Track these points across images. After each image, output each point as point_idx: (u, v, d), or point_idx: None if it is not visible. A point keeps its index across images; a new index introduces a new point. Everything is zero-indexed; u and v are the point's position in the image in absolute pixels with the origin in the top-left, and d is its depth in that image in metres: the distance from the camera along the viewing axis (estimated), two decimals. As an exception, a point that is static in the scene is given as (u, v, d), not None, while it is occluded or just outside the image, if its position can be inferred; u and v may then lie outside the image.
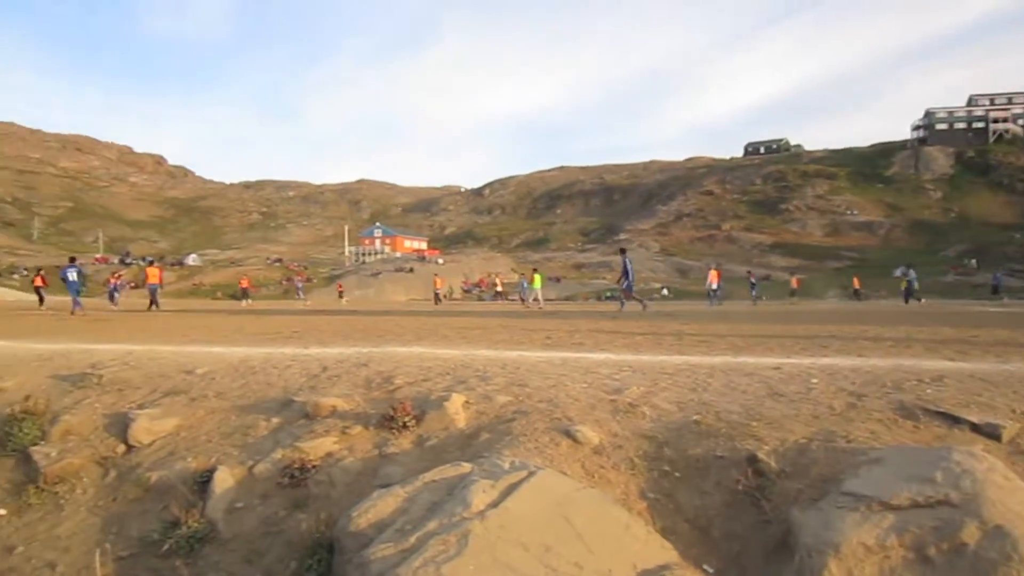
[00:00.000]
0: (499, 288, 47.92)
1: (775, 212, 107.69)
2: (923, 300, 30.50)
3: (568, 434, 3.73)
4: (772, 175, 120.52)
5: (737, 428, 3.68)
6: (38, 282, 25.53)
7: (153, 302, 24.05)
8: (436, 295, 41.91)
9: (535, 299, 29.03)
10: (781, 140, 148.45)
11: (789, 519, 2.83)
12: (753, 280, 41.07)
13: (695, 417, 3.89)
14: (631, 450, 3.60)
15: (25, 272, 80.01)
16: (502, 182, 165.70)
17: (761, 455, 3.30)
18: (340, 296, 54.05)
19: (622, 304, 21.29)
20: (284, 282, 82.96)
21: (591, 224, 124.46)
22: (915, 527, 2.53)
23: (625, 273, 20.21)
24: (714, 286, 29.79)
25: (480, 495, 2.85)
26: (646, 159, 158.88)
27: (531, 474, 3.04)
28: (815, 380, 4.78)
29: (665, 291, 57.12)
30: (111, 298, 28.05)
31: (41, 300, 24.84)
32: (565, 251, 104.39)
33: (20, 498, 4.15)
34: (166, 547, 3.32)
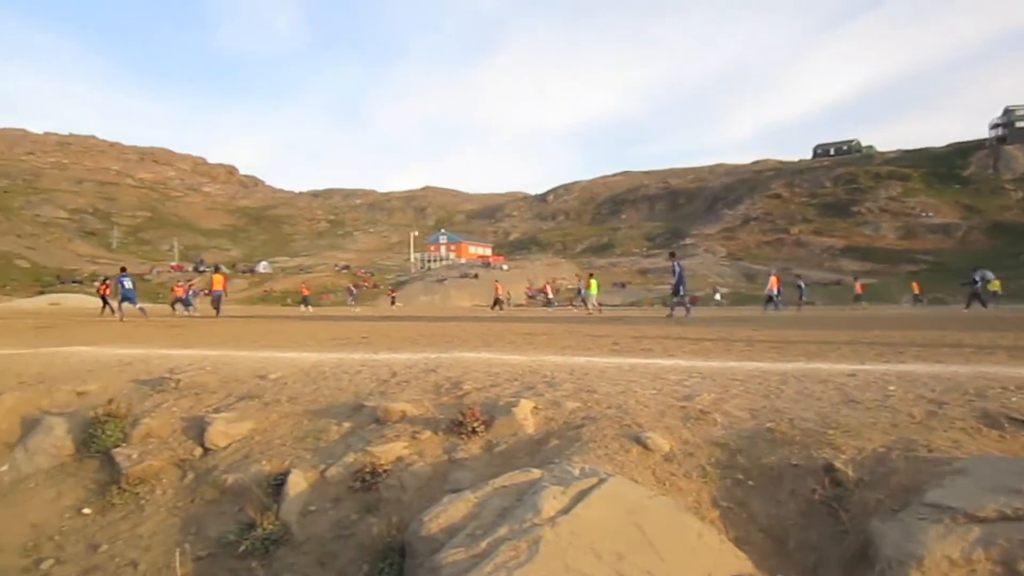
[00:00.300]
0: (550, 295, 47.33)
1: (846, 215, 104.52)
2: (991, 306, 29.09)
3: (638, 441, 3.69)
4: (843, 177, 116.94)
5: (812, 436, 3.58)
6: (104, 291, 26.56)
7: (216, 308, 25.35)
8: (497, 300, 41.99)
9: (593, 304, 29.38)
10: (852, 141, 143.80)
11: (868, 530, 2.74)
12: (801, 284, 40.27)
13: (768, 425, 3.81)
14: (703, 458, 3.54)
15: (105, 280, 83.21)
16: (566, 188, 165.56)
17: (838, 464, 3.20)
18: (392, 303, 55.05)
19: (672, 310, 21.29)
20: (352, 288, 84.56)
21: (656, 229, 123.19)
22: (1003, 540, 2.41)
23: (677, 276, 20.33)
24: (775, 292, 29.51)
25: (551, 501, 2.83)
26: (711, 162, 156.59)
27: (602, 481, 3.02)
28: (892, 387, 4.62)
29: (719, 296, 55.71)
30: (184, 305, 28.85)
31: (105, 305, 25.85)
32: (630, 256, 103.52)
33: (104, 498, 4.32)
34: (242, 548, 3.41)
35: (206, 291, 75.29)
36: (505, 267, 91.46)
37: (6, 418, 5.59)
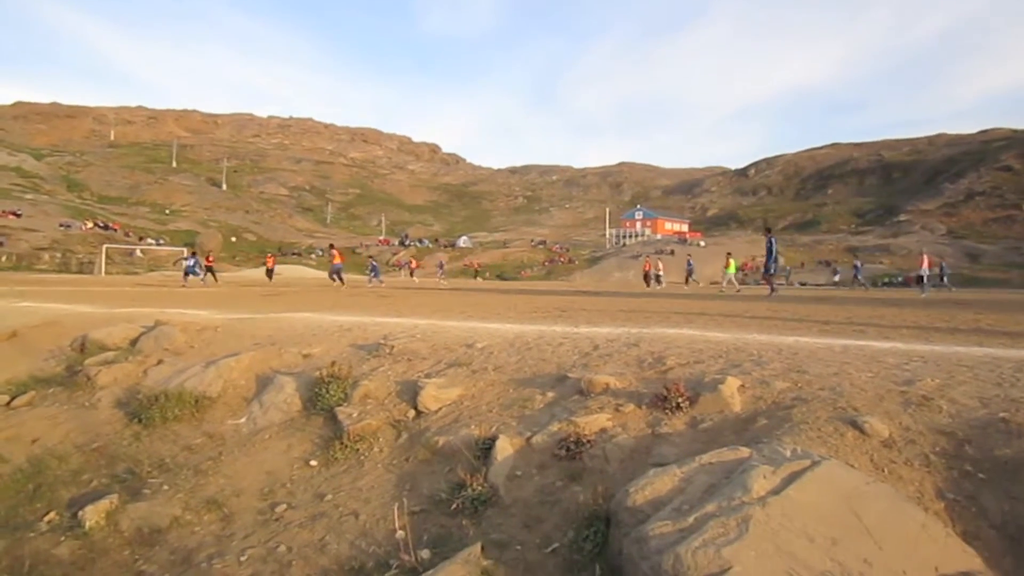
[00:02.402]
0: (660, 272, 44.92)
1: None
2: None
3: (854, 424, 3.54)
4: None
5: (1057, 430, 3.26)
6: (337, 259, 30.08)
7: (340, 280, 29.03)
8: (647, 276, 41.06)
9: (729, 283, 29.47)
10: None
11: None
12: (857, 264, 39.95)
13: (1002, 415, 3.50)
14: (926, 446, 3.34)
15: (321, 253, 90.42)
16: (768, 161, 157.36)
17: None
18: (475, 276, 58.40)
19: (772, 289, 20.83)
20: (546, 263, 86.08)
21: (866, 205, 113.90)
22: None
23: (769, 254, 20.17)
24: (926, 272, 28.80)
25: (760, 481, 2.83)
26: (931, 133, 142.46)
27: (815, 463, 2.95)
28: None
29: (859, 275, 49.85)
30: (376, 275, 32.75)
31: (338, 280, 29.47)
32: (836, 234, 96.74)
33: (328, 452, 4.79)
34: (454, 506, 3.66)
35: (417, 264, 79.92)
36: (702, 243, 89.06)
37: (244, 375, 6.32)
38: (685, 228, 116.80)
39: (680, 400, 4.16)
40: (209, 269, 30.41)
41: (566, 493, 3.59)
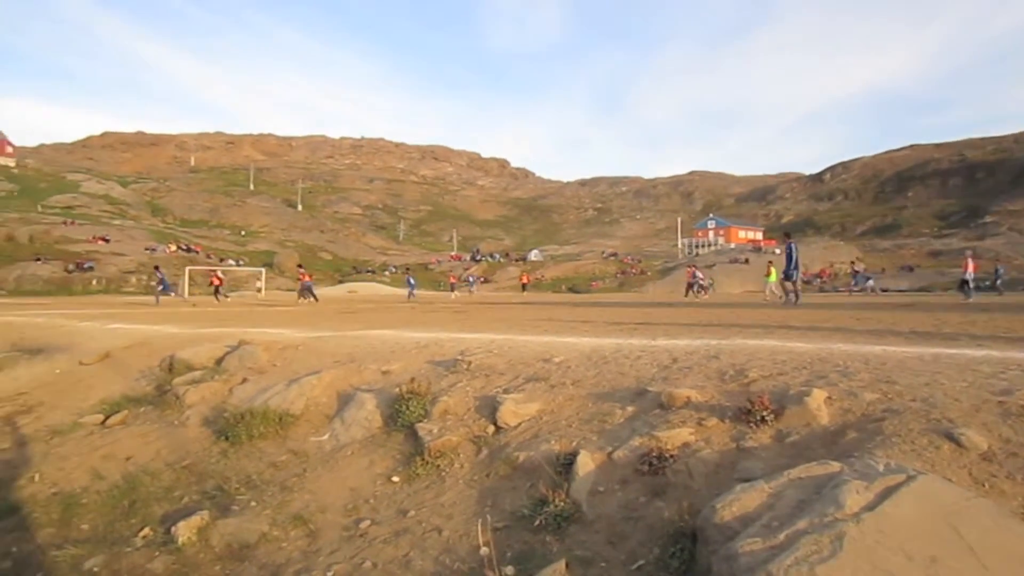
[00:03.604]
0: (702, 281, 43.28)
1: None
2: None
3: (950, 437, 3.42)
4: None
5: None
6: (306, 278, 33.11)
7: (307, 296, 31.58)
8: (690, 285, 40.05)
9: (770, 292, 29.20)
10: None
11: None
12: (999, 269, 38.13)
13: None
14: (1028, 459, 3.19)
15: (394, 270, 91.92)
16: (844, 165, 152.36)
17: None
18: (523, 288, 58.59)
19: (789, 296, 19.94)
20: (618, 275, 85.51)
21: (949, 207, 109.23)
22: None
23: (789, 260, 19.48)
24: (970, 276, 27.27)
25: (853, 496, 2.75)
26: (1017, 130, 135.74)
27: (910, 478, 2.85)
28: None
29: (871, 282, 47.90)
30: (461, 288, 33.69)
31: (311, 296, 32.75)
32: (918, 237, 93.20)
33: (409, 468, 4.87)
34: (537, 522, 3.66)
35: (484, 279, 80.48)
36: (777, 251, 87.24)
37: (325, 392, 6.47)
38: (760, 236, 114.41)
39: (765, 413, 4.08)
40: (308, 287, 31.97)
41: (650, 509, 3.56)
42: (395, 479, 4.84)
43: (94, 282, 62.73)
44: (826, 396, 4.27)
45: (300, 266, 35.22)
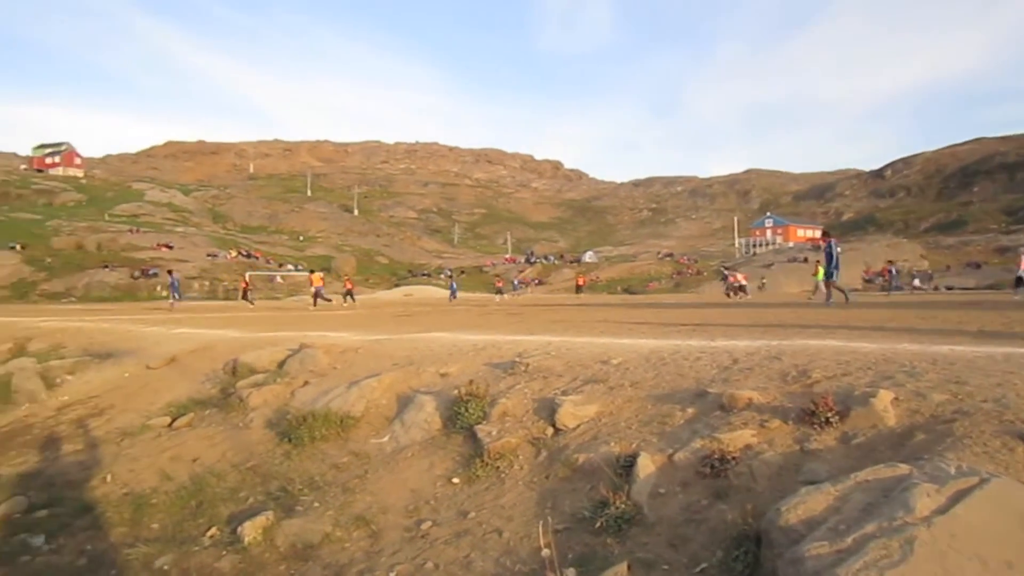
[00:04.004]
0: (743, 282, 42.68)
1: None
2: None
3: None
4: None
5: None
6: (317, 282, 34.13)
7: (324, 299, 32.79)
8: (731, 287, 39.88)
9: (817, 290, 30.37)
10: None
11: None
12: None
13: None
14: (1108, 462, 3.08)
15: (449, 273, 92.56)
16: (906, 161, 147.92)
17: None
18: (578, 290, 59.13)
19: (829, 296, 19.60)
20: (674, 276, 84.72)
21: (1017, 202, 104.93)
22: None
23: (829, 259, 19.29)
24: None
25: (924, 500, 2.68)
26: None
27: (984, 481, 2.77)
28: None
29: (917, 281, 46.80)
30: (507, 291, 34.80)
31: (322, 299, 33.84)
32: (985, 234, 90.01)
33: (469, 469, 4.92)
34: (597, 524, 3.65)
35: (538, 281, 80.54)
36: (839, 249, 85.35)
37: (385, 395, 6.57)
38: (818, 234, 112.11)
39: (829, 415, 4.01)
40: (319, 292, 32.83)
41: (712, 511, 3.53)
42: (455, 480, 4.89)
43: (158, 288, 64.50)
44: (893, 397, 4.17)
45: (312, 271, 36.37)
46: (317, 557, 4.32)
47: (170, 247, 78.69)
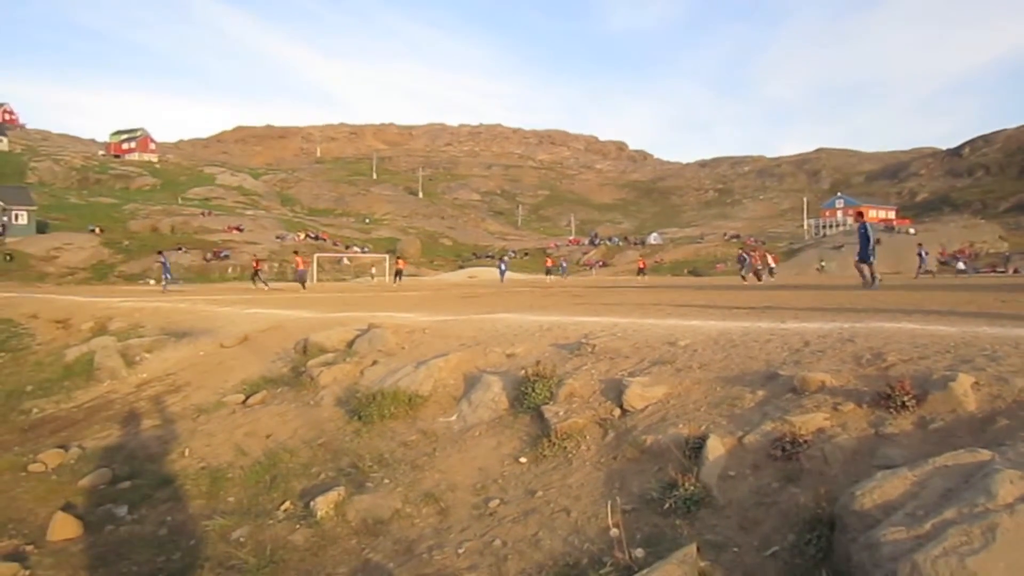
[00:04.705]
0: (772, 264, 41.62)
1: None
2: None
3: (1113, 425, 3.19)
4: None
5: None
6: (300, 265, 33.47)
7: (302, 284, 31.53)
8: (751, 269, 38.75)
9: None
10: None
11: None
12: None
13: None
14: None
15: (514, 254, 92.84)
16: (985, 139, 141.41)
17: None
18: (547, 273, 58.94)
19: (871, 280, 18.02)
20: (740, 255, 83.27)
21: None
22: None
23: (865, 241, 17.72)
24: None
25: (1007, 486, 2.61)
26: None
27: (1071, 468, 2.67)
28: None
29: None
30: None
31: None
32: None
33: (536, 449, 4.95)
34: (666, 505, 3.65)
35: (602, 263, 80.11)
36: (912, 231, 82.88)
37: (452, 374, 6.65)
38: (892, 215, 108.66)
39: (906, 399, 3.91)
40: (302, 276, 32.46)
41: (783, 495, 3.49)
42: (522, 460, 4.93)
43: (229, 269, 66.43)
44: (973, 381, 4.04)
45: (296, 252, 36.01)
46: (387, 532, 4.42)
47: (240, 230, 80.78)
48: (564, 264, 68.87)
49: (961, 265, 53.41)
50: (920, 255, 40.63)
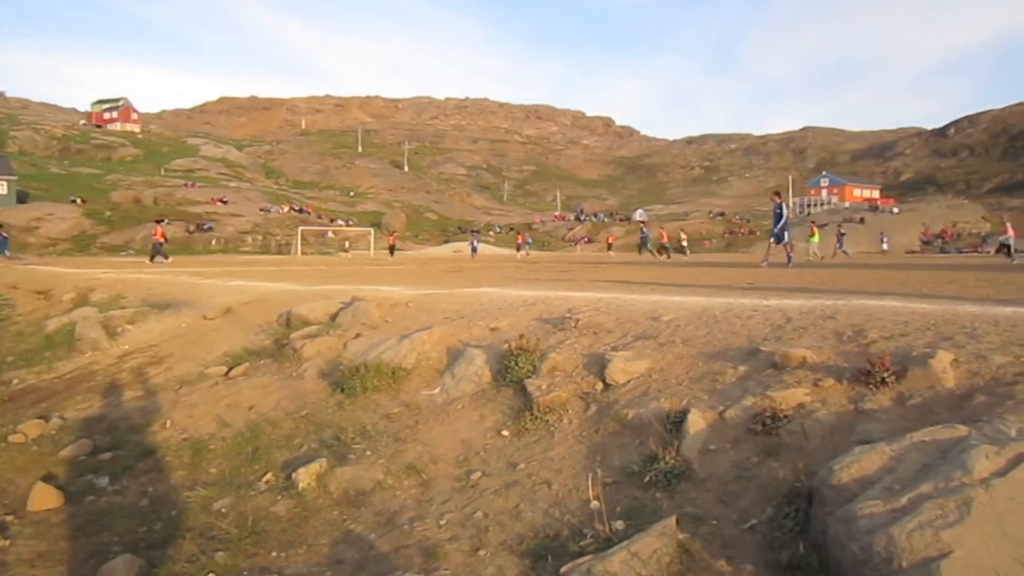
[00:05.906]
0: (684, 242, 43.62)
1: None
2: None
3: (1089, 402, 3.23)
4: None
5: None
6: (158, 237, 31.36)
7: (155, 256, 29.66)
8: (662, 247, 40.97)
9: (814, 252, 32.29)
10: None
11: None
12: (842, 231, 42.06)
13: None
14: None
15: (499, 230, 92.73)
16: (970, 119, 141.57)
17: None
18: (518, 249, 57.42)
19: (788, 260, 19.79)
20: (725, 235, 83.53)
21: None
22: None
23: (778, 220, 19.28)
24: (1011, 240, 28.22)
25: (982, 461, 2.64)
26: None
27: (1047, 444, 2.70)
28: None
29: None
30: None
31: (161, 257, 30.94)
32: None
33: (518, 422, 4.98)
34: (646, 479, 3.67)
35: (587, 239, 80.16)
36: (895, 210, 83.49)
37: (435, 347, 6.64)
38: (876, 194, 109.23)
39: (885, 375, 3.94)
40: (158, 247, 30.83)
41: (763, 469, 3.52)
42: (504, 433, 4.95)
43: (213, 242, 66.01)
44: (952, 358, 4.07)
45: (158, 221, 34.11)
46: (369, 503, 4.43)
47: (224, 202, 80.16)
48: (530, 241, 69.12)
49: (885, 246, 54.70)
50: (843, 235, 43.87)
